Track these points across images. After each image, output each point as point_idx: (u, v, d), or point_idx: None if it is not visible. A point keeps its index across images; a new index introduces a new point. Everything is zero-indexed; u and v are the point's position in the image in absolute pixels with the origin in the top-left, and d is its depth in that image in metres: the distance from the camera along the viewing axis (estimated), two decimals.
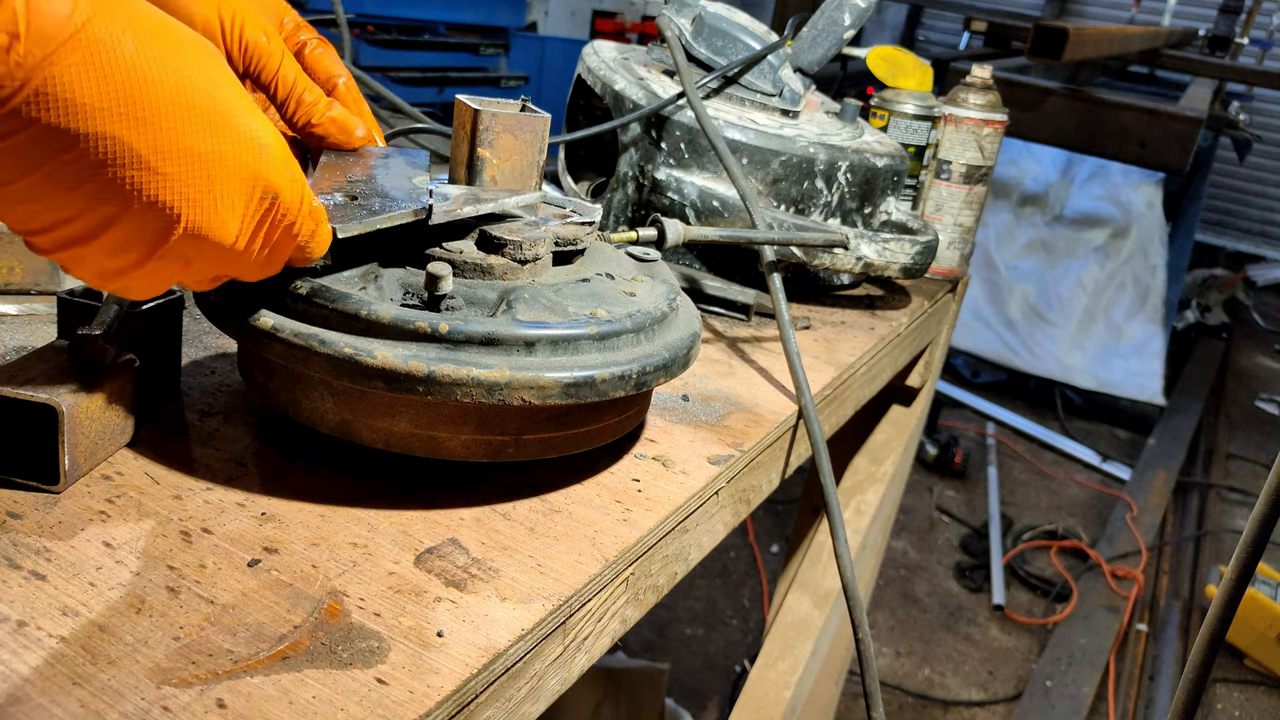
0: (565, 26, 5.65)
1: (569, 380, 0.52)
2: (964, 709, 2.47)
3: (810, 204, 0.95)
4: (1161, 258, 4.30)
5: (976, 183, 1.14)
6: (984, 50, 4.88)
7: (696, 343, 0.61)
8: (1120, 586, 2.85)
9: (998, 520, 3.21)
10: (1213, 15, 5.31)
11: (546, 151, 0.63)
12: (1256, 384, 4.49)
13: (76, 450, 0.51)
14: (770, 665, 1.26)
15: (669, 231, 0.75)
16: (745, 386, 0.79)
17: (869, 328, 0.97)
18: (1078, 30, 2.64)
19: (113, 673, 0.40)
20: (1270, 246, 6.53)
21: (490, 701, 0.46)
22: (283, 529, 0.51)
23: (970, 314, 4.40)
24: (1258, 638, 2.50)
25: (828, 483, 0.74)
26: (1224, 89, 4.76)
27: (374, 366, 0.50)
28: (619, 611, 0.57)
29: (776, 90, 0.99)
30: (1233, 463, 3.62)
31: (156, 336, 0.61)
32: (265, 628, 0.44)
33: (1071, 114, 2.81)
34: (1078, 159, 4.48)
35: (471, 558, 0.51)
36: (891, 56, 1.14)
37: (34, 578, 0.45)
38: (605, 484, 0.61)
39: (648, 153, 0.94)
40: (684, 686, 2.38)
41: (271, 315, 0.52)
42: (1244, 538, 0.48)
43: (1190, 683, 0.50)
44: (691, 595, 2.75)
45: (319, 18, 1.57)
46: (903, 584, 2.93)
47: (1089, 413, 4.24)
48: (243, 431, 0.60)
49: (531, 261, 0.57)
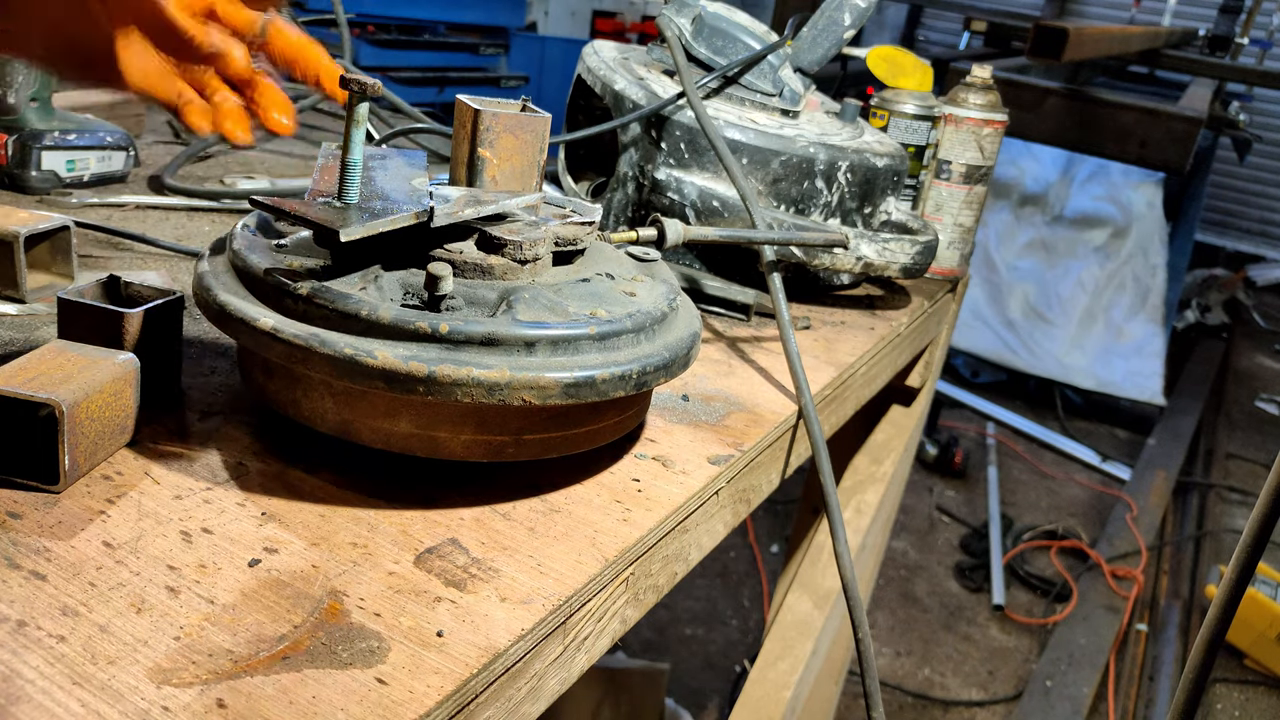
0: (565, 26, 5.65)
1: (569, 380, 0.52)
2: (964, 709, 2.47)
3: (810, 204, 0.95)
4: (1161, 258, 4.30)
5: (976, 183, 1.14)
6: (984, 50, 4.87)
7: (696, 343, 0.61)
8: (1120, 586, 2.85)
9: (998, 520, 3.21)
10: (1213, 15, 5.30)
11: (547, 151, 0.63)
12: (1256, 384, 4.48)
13: (76, 450, 0.51)
14: (770, 665, 1.26)
15: (669, 231, 0.75)
16: (745, 386, 0.79)
17: (869, 328, 0.97)
18: (1078, 30, 2.64)
19: (113, 673, 0.40)
20: (1270, 246, 6.52)
21: (490, 701, 0.46)
22: (283, 529, 0.51)
23: (970, 314, 4.40)
24: (1258, 638, 2.50)
25: (828, 483, 0.74)
26: (1224, 89, 4.76)
27: (374, 367, 0.50)
28: (619, 611, 0.57)
29: (776, 90, 0.99)
30: (1233, 463, 3.62)
31: (156, 336, 0.61)
32: (265, 628, 0.44)
33: (1071, 114, 2.81)
34: (1078, 159, 4.48)
35: (471, 558, 0.51)
36: (891, 56, 1.14)
37: (34, 578, 0.45)
38: (605, 484, 0.61)
39: (648, 153, 0.94)
40: (684, 686, 2.38)
41: (272, 316, 0.52)
42: (1244, 538, 0.48)
43: (1190, 683, 0.50)
44: (691, 595, 2.75)
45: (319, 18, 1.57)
46: (903, 584, 2.93)
47: (1089, 413, 4.24)
48: (243, 431, 0.60)
49: (531, 261, 0.57)
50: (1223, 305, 5.41)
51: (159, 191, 1.03)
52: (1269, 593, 2.52)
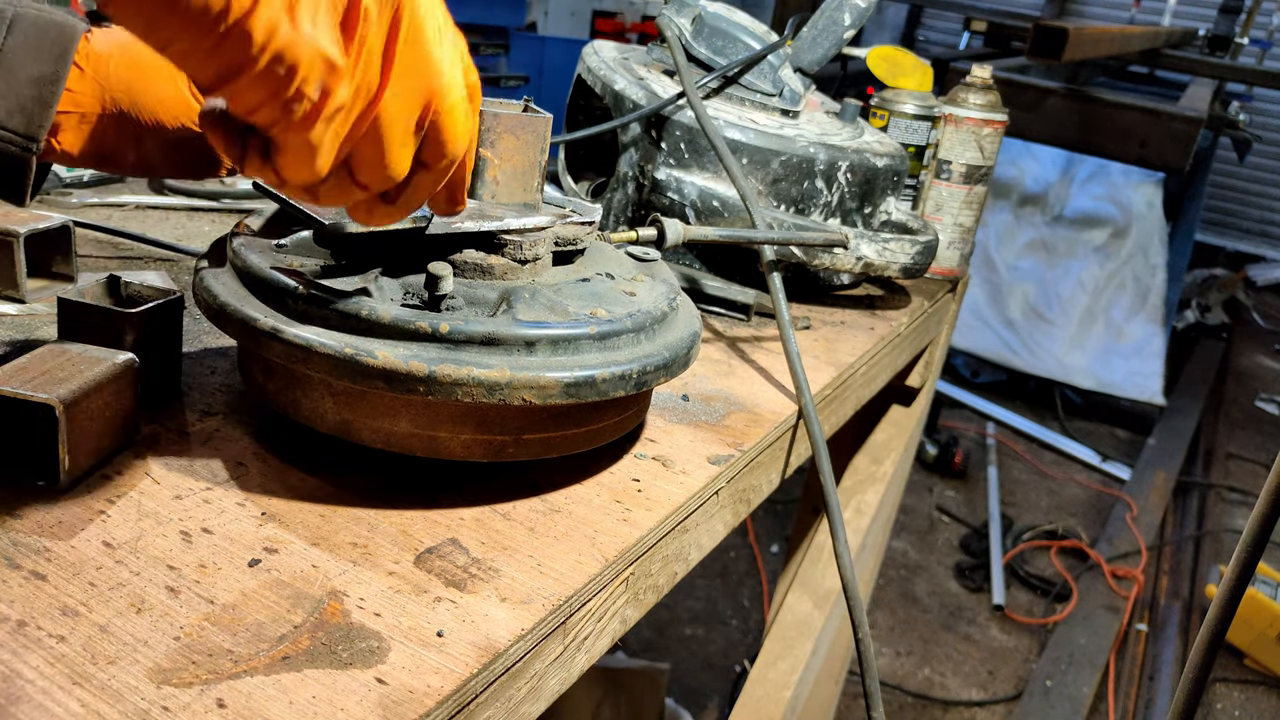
0: (565, 26, 5.65)
1: (569, 380, 0.52)
2: (964, 709, 2.47)
3: (810, 204, 0.95)
4: (1161, 258, 4.30)
5: (976, 183, 1.14)
6: (984, 50, 4.87)
7: (696, 342, 0.61)
8: (1120, 586, 2.85)
9: (998, 520, 3.21)
10: (1213, 15, 5.30)
11: (548, 152, 0.63)
12: (1256, 384, 4.48)
13: (76, 450, 0.51)
14: (770, 665, 1.26)
15: (669, 231, 0.75)
16: (745, 386, 0.79)
17: (869, 328, 0.97)
18: (1078, 30, 2.64)
19: (113, 673, 0.40)
20: (1270, 246, 6.52)
21: (490, 701, 0.46)
22: (283, 529, 0.51)
23: (970, 314, 4.40)
24: (1258, 638, 2.50)
25: (828, 483, 0.74)
26: (1224, 89, 4.76)
27: (375, 367, 0.49)
28: (619, 611, 0.57)
29: (776, 90, 0.99)
30: (1233, 463, 3.62)
31: (156, 336, 0.61)
32: (265, 628, 0.44)
33: (1071, 114, 2.81)
34: (1078, 159, 4.48)
35: (471, 558, 0.51)
36: (891, 56, 1.14)
37: (34, 578, 0.45)
38: (605, 484, 0.61)
39: (648, 153, 0.94)
40: (684, 686, 2.38)
41: (272, 316, 0.52)
42: (1244, 538, 0.48)
43: (1190, 682, 0.50)
44: (691, 595, 2.75)
45: None
46: (903, 584, 2.93)
47: (1089, 413, 4.24)
48: (243, 431, 0.60)
49: (531, 261, 0.57)
50: (1223, 305, 5.41)
51: (159, 191, 1.03)
52: (1269, 593, 2.52)
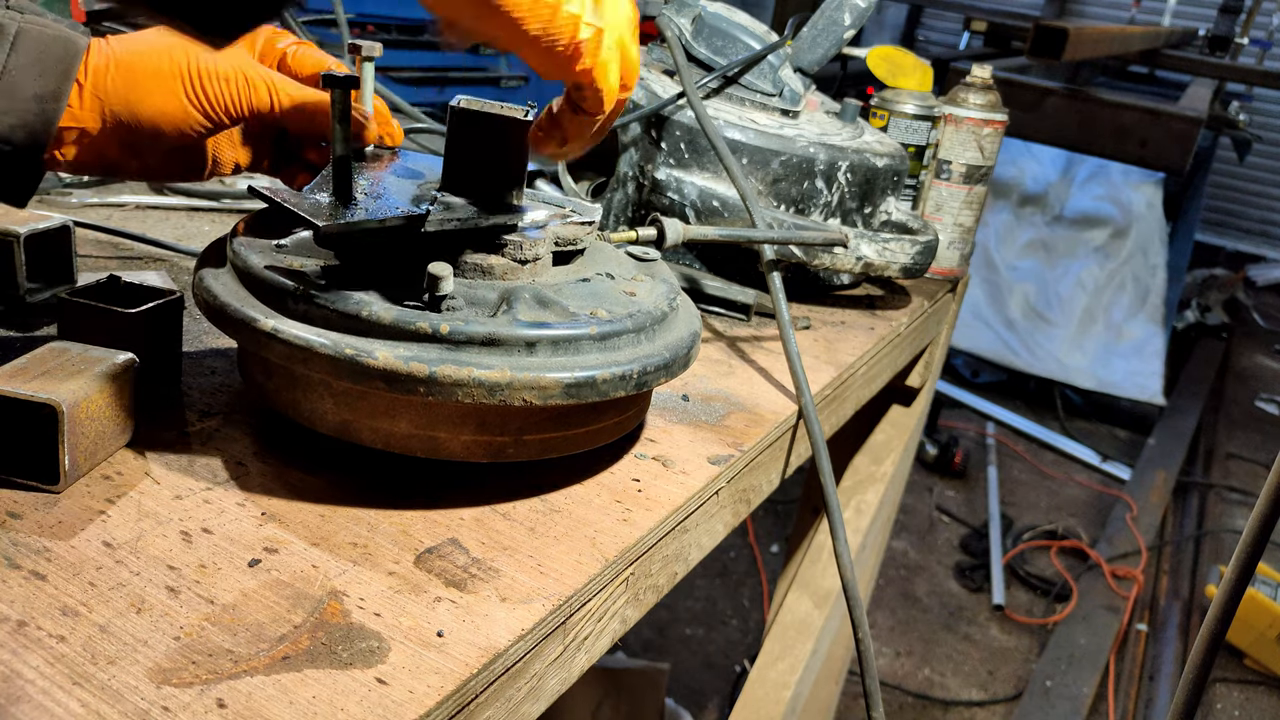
0: None
1: (570, 380, 0.52)
2: (964, 709, 2.47)
3: (810, 204, 0.95)
4: (1161, 258, 4.30)
5: (976, 183, 1.14)
6: (984, 50, 4.87)
7: (696, 342, 0.61)
8: (1120, 586, 2.85)
9: (998, 520, 3.21)
10: (1213, 15, 5.30)
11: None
12: (1256, 384, 4.48)
13: (76, 450, 0.51)
14: (770, 665, 1.26)
15: (669, 231, 0.75)
16: (745, 386, 0.79)
17: (869, 328, 0.97)
18: (1078, 30, 2.64)
19: (113, 673, 0.40)
20: (1270, 246, 6.52)
21: (490, 701, 0.46)
22: (283, 529, 0.51)
23: (970, 314, 4.40)
24: (1258, 638, 2.50)
25: (828, 483, 0.74)
26: (1224, 89, 4.76)
27: (375, 367, 0.49)
28: (619, 611, 0.57)
29: (776, 90, 0.99)
30: (1233, 463, 3.62)
31: (156, 336, 0.61)
32: (265, 628, 0.44)
33: (1071, 114, 2.81)
34: (1078, 159, 4.48)
35: (471, 558, 0.51)
36: (891, 56, 1.14)
37: (34, 578, 0.45)
38: (605, 484, 0.61)
39: (648, 153, 0.94)
40: (684, 686, 2.38)
41: (272, 316, 0.52)
42: (1244, 538, 0.48)
43: (1190, 683, 0.50)
44: (691, 595, 2.75)
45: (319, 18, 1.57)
46: (903, 584, 2.93)
47: (1089, 413, 4.24)
48: (243, 431, 0.60)
49: (531, 261, 0.57)
50: (1223, 305, 5.41)
51: (159, 191, 1.03)
52: (1269, 593, 2.52)
